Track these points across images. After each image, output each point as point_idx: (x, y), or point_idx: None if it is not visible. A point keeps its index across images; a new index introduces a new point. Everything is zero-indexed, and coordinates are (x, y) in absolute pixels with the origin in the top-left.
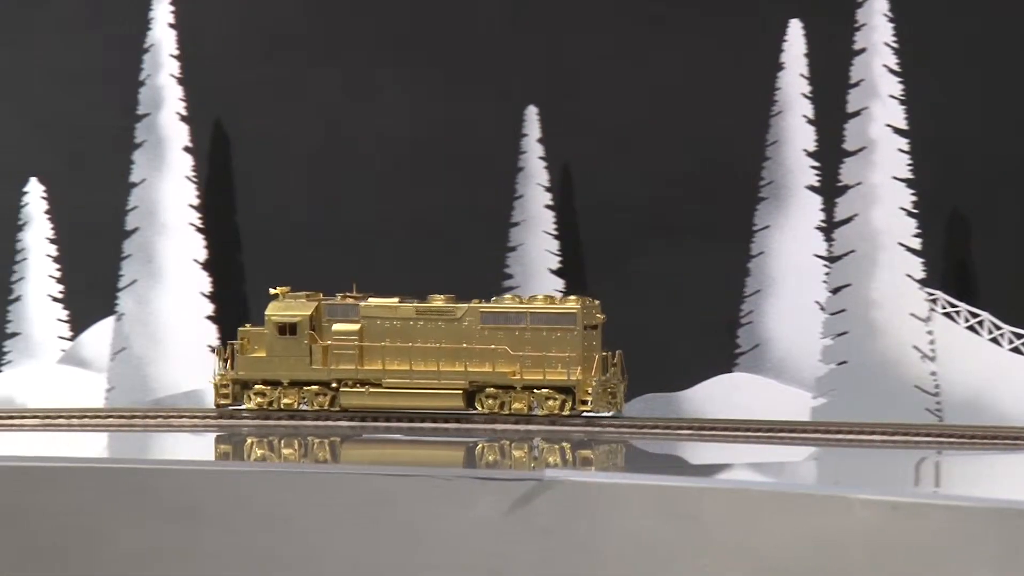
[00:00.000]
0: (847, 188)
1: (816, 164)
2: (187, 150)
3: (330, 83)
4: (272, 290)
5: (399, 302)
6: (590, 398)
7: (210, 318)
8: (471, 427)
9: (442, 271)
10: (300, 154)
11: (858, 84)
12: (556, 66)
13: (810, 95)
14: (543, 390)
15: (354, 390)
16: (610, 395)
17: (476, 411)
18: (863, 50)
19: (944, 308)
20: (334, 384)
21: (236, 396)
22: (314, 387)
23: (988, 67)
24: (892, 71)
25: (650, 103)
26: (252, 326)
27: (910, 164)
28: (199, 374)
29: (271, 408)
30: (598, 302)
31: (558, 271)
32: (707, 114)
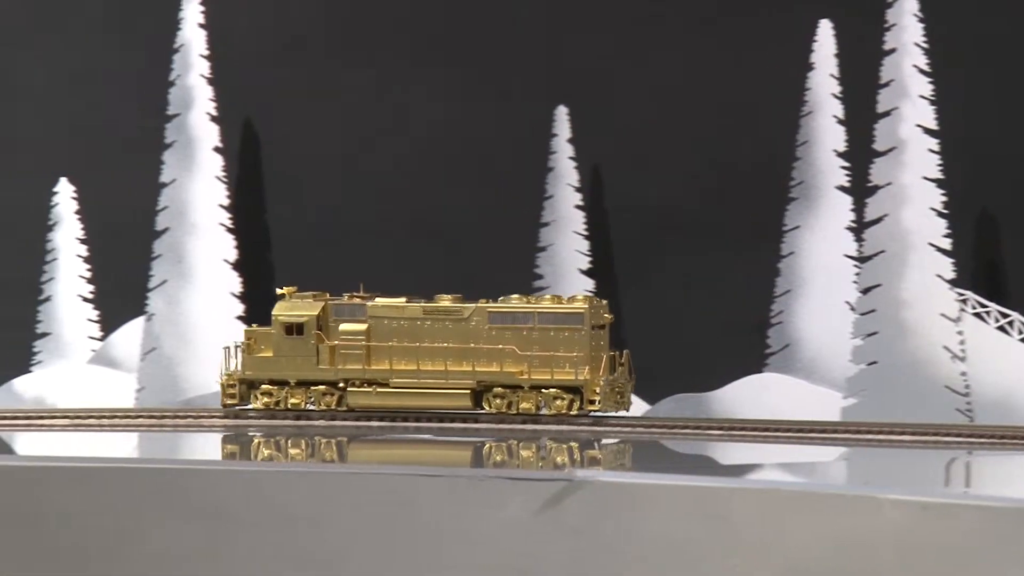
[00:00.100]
0: (877, 188)
1: (846, 164)
2: (217, 150)
3: (360, 82)
4: (279, 290)
5: (406, 302)
6: (598, 397)
7: (240, 318)
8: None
9: (472, 271)
10: (330, 154)
11: (888, 84)
12: (586, 66)
13: (840, 95)
14: (551, 390)
15: (361, 390)
16: (618, 395)
17: (484, 411)
18: (893, 50)
19: (974, 308)
20: (341, 384)
21: (242, 396)
22: (321, 387)
23: (1018, 67)
24: (922, 71)
25: (680, 103)
26: (259, 326)
27: (940, 164)
28: None
29: (278, 408)
30: (606, 302)
31: (588, 271)
32: (737, 114)
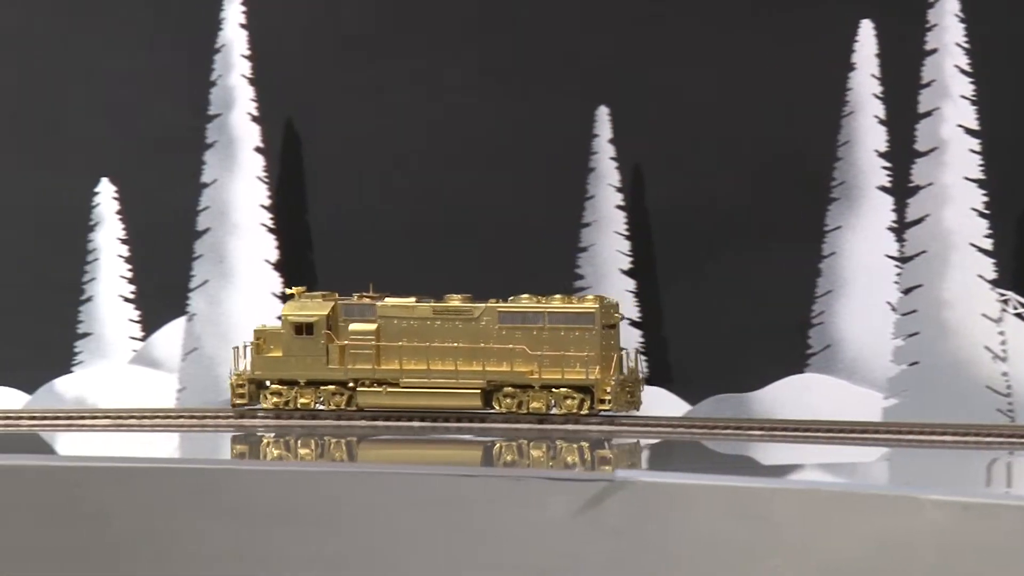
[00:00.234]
0: (918, 188)
1: (887, 164)
2: (258, 150)
3: (401, 82)
4: (288, 290)
5: (416, 302)
6: (609, 397)
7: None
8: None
9: (512, 271)
10: (371, 153)
11: (929, 84)
12: (627, 66)
13: (881, 95)
14: (561, 389)
15: (371, 390)
16: (628, 394)
17: (494, 410)
18: (934, 50)
19: (1015, 308)
20: (351, 384)
21: (252, 396)
22: (331, 387)
23: None
24: (963, 71)
25: (721, 103)
26: (268, 326)
27: (981, 164)
28: None
29: (287, 408)
30: (616, 301)
31: (629, 271)
32: (778, 114)
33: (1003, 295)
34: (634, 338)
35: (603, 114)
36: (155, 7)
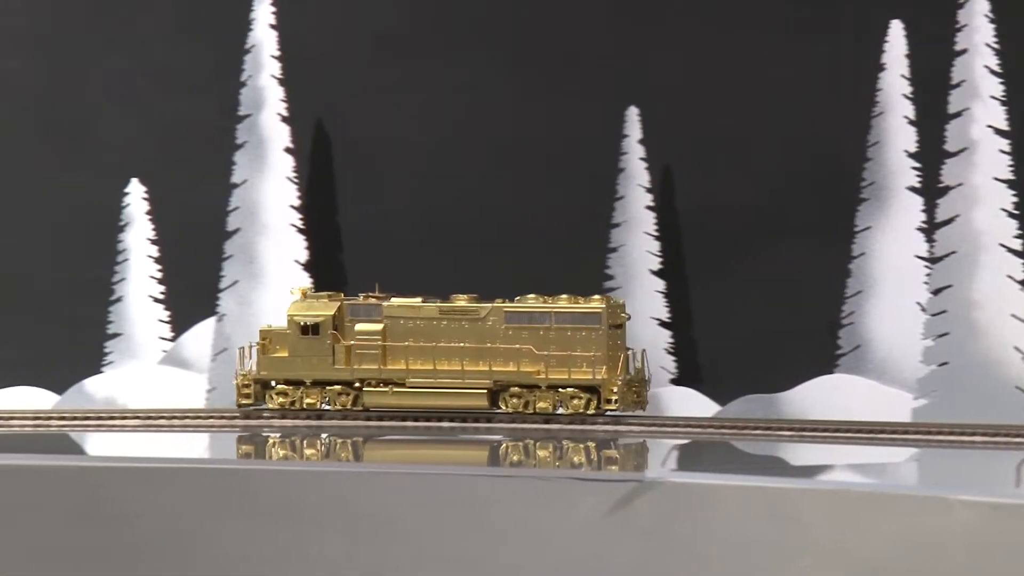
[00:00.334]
0: (948, 189)
1: (917, 165)
2: (288, 151)
3: (431, 83)
4: (292, 290)
5: (422, 302)
6: (615, 396)
7: None
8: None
9: (543, 272)
10: (400, 155)
11: (959, 85)
12: (657, 67)
13: (911, 96)
14: (568, 389)
15: (377, 390)
16: (635, 394)
17: (500, 410)
18: (964, 51)
19: None
20: (357, 384)
21: (257, 396)
22: (336, 387)
23: None
24: (993, 72)
25: (751, 103)
26: (273, 326)
27: (1011, 165)
28: None
29: (293, 408)
30: (623, 301)
31: (659, 272)
32: (808, 115)
33: None
34: (663, 338)
35: (633, 115)
36: (185, 8)
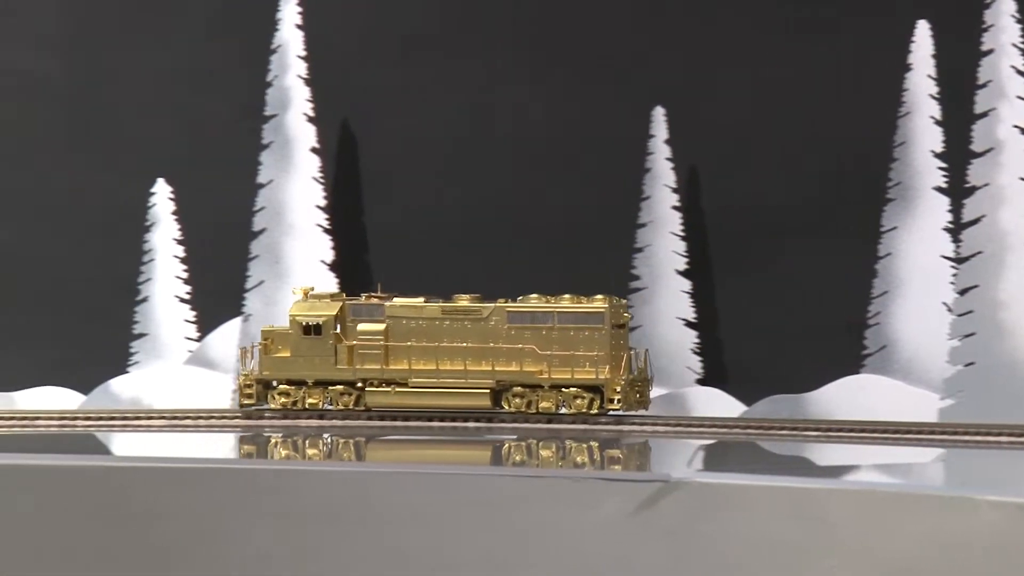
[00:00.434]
0: (974, 189)
1: (943, 165)
2: (314, 151)
3: (457, 83)
4: (294, 290)
5: (424, 302)
6: (618, 396)
7: None
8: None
9: (570, 272)
10: (427, 154)
11: (986, 85)
12: (683, 67)
13: (938, 96)
14: (571, 389)
15: (380, 390)
16: (637, 394)
17: (503, 410)
18: (991, 51)
19: None
20: (359, 384)
21: (259, 396)
22: (339, 387)
23: None
24: (1020, 72)
25: (777, 104)
26: (276, 327)
27: None
28: None
29: (295, 408)
30: (625, 301)
31: (685, 272)
32: (835, 115)
33: None
34: (689, 338)
35: (659, 115)
36: (212, 7)
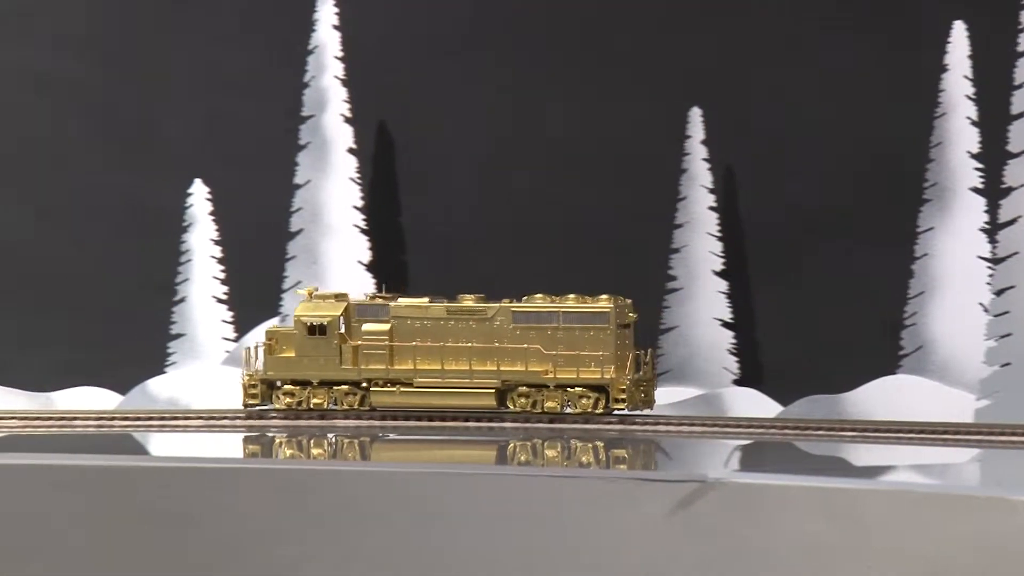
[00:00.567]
0: (1011, 190)
1: (980, 166)
2: (351, 152)
3: (493, 83)
4: (299, 291)
5: (429, 302)
6: (624, 396)
7: None
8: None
9: (605, 273)
10: (463, 155)
11: (1022, 86)
12: (720, 68)
13: (974, 97)
14: (576, 388)
15: (385, 389)
16: (643, 393)
17: (508, 410)
18: None
19: None
20: (364, 384)
21: (264, 396)
22: (344, 387)
23: None
24: None
25: (813, 105)
26: (280, 327)
27: None
28: None
29: (300, 408)
30: (630, 301)
31: (721, 272)
32: (871, 116)
33: None
34: (726, 339)
35: (696, 115)
36: (249, 8)
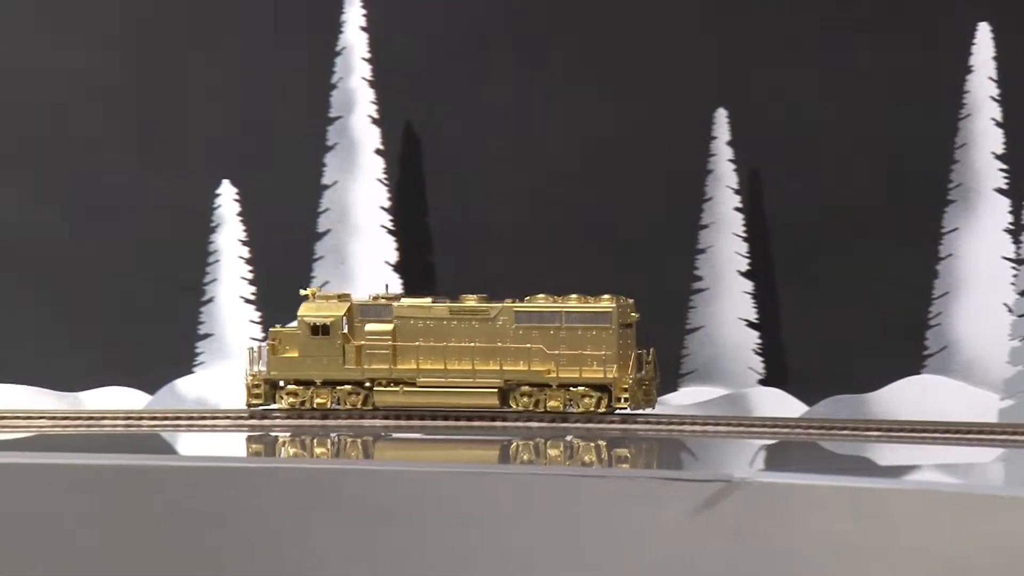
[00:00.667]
0: None
1: (1004, 167)
2: (378, 152)
3: (520, 84)
4: (302, 291)
5: (432, 302)
6: (626, 395)
7: None
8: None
9: (631, 273)
10: (489, 156)
11: None
12: (745, 68)
13: (998, 98)
14: (579, 388)
15: (388, 389)
16: (644, 393)
17: (511, 409)
18: None
19: None
20: (367, 384)
21: (267, 396)
22: (347, 387)
23: None
24: None
25: (839, 105)
26: (283, 327)
27: None
28: None
29: (303, 408)
30: (632, 301)
31: (747, 273)
32: (896, 117)
33: None
34: (751, 339)
35: (721, 116)
36: (276, 10)
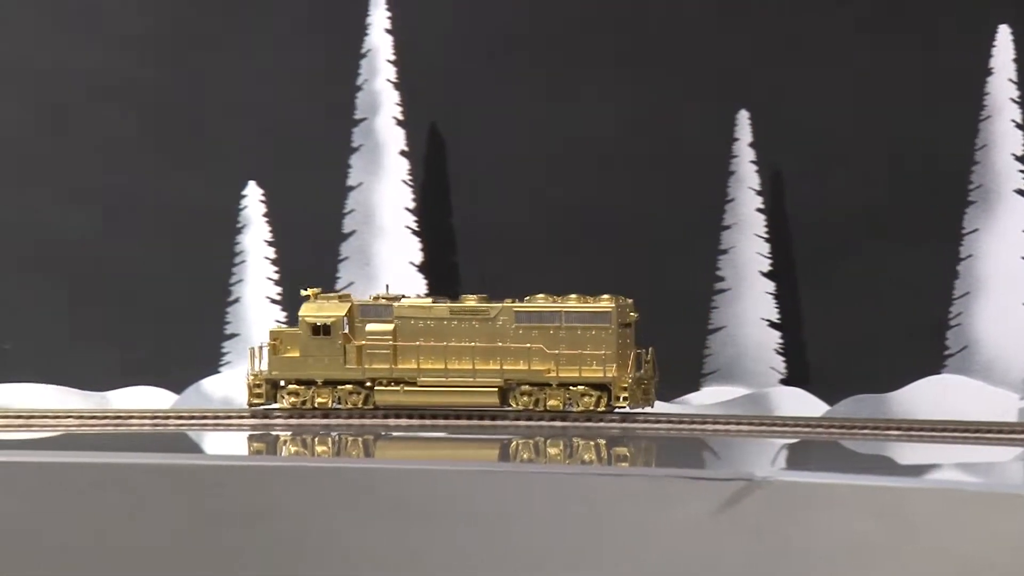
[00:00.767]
0: None
1: None
2: (403, 154)
3: (543, 86)
4: (303, 291)
5: (432, 302)
6: (626, 394)
7: None
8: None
9: (654, 273)
10: (513, 157)
11: None
12: (767, 70)
13: (1018, 100)
14: (578, 387)
15: (389, 388)
16: (644, 392)
17: (511, 408)
18: None
19: None
20: (368, 383)
21: (268, 396)
22: (348, 386)
23: None
24: None
25: (860, 106)
26: (284, 327)
27: None
28: None
29: (304, 407)
30: (631, 301)
31: (769, 274)
32: (917, 118)
33: None
34: (773, 339)
35: (743, 118)
36: (303, 13)
